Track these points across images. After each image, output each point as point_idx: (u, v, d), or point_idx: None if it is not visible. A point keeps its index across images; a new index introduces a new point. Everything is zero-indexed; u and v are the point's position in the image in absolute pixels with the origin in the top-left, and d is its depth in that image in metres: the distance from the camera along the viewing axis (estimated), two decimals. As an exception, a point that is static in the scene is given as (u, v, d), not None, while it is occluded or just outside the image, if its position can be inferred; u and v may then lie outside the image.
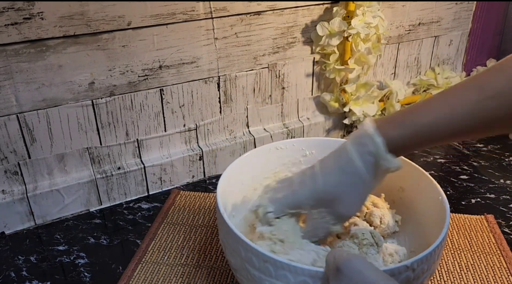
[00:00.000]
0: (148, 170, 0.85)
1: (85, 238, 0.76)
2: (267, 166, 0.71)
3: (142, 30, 0.76)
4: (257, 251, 0.50)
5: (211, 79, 0.86)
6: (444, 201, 0.57)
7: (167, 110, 0.84)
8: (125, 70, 0.78)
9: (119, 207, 0.84)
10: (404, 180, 0.65)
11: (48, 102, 0.74)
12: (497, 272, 0.67)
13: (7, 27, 0.66)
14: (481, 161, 0.96)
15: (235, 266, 0.55)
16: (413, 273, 0.48)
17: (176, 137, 0.88)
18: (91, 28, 0.72)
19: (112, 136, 0.81)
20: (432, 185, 0.61)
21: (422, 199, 0.63)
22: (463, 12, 1.09)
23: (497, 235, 0.74)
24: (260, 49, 0.88)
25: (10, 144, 0.73)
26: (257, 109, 0.94)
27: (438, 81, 1.09)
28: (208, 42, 0.82)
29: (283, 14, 0.87)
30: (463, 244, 0.72)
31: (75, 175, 0.80)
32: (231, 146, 0.92)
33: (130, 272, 0.67)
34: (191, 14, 0.79)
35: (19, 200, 0.76)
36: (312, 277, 0.47)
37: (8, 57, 0.68)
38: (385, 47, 1.03)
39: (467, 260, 0.69)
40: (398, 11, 1.01)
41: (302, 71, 0.95)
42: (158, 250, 0.71)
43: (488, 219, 0.77)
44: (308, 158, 0.72)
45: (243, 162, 0.68)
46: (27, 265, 0.70)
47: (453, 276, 0.66)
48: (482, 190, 0.86)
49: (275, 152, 0.71)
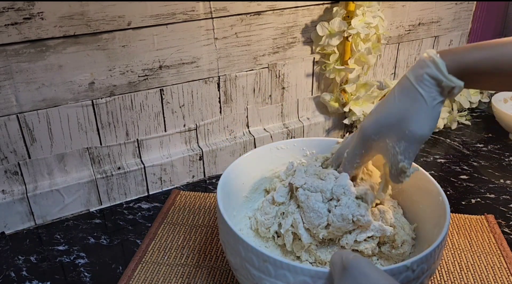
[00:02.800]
0: (148, 170, 0.85)
1: (85, 238, 0.76)
2: (267, 165, 0.71)
3: (142, 30, 0.76)
4: (257, 250, 0.50)
5: (211, 79, 0.86)
6: (445, 202, 0.57)
7: (167, 110, 0.84)
8: (125, 70, 0.78)
9: (119, 207, 0.84)
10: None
11: (48, 102, 0.74)
12: (497, 272, 0.67)
13: (7, 27, 0.66)
14: (481, 161, 0.96)
15: (235, 266, 0.55)
16: (413, 273, 0.48)
17: (176, 137, 0.88)
18: (91, 28, 0.72)
19: (112, 136, 0.81)
20: (432, 185, 0.61)
21: (423, 199, 0.63)
22: (463, 12, 1.09)
23: (497, 235, 0.74)
24: (260, 49, 0.88)
25: (10, 144, 0.73)
26: (257, 109, 0.94)
27: (438, 81, 1.08)
28: (208, 42, 0.83)
29: (283, 14, 0.87)
30: (463, 244, 0.72)
31: (75, 175, 0.80)
32: (231, 146, 0.92)
33: (130, 272, 0.67)
34: (191, 14, 0.79)
35: (19, 200, 0.76)
36: (312, 276, 0.47)
37: (8, 57, 0.68)
38: (385, 47, 1.03)
39: (467, 260, 0.69)
40: (398, 11, 1.01)
41: (302, 71, 0.95)
42: (158, 250, 0.71)
43: (488, 219, 0.77)
44: (309, 157, 0.72)
45: (244, 162, 0.68)
46: (27, 265, 0.70)
47: (453, 276, 0.66)
48: (482, 190, 0.86)
49: (275, 151, 0.71)
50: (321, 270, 0.47)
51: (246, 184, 0.69)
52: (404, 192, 0.67)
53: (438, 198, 0.59)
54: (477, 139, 1.04)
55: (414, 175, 0.59)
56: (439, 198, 0.59)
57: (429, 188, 0.61)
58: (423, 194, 0.63)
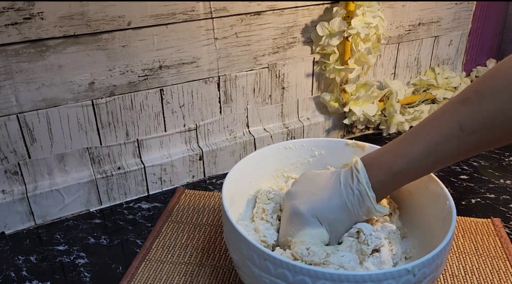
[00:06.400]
0: (148, 170, 0.85)
1: (85, 238, 0.76)
2: (275, 165, 0.71)
3: (142, 30, 0.76)
4: (258, 249, 0.50)
5: (211, 79, 0.86)
6: (451, 206, 0.56)
7: (167, 110, 0.84)
8: (125, 70, 0.78)
9: (119, 207, 0.84)
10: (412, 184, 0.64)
11: (48, 102, 0.74)
12: (502, 277, 0.66)
13: (7, 27, 0.66)
14: (481, 161, 0.96)
15: (238, 263, 0.55)
16: (414, 278, 0.48)
17: (176, 137, 0.88)
18: (91, 28, 0.72)
19: (112, 136, 0.81)
20: (440, 189, 0.60)
21: (430, 203, 0.62)
22: (463, 12, 1.09)
23: (503, 238, 0.73)
24: (260, 49, 0.88)
25: (10, 144, 0.73)
26: (257, 109, 0.94)
27: (438, 81, 1.09)
28: (208, 42, 0.83)
29: (283, 14, 0.88)
30: (468, 248, 0.72)
31: (75, 175, 0.80)
32: (231, 146, 0.92)
33: (134, 270, 0.67)
34: (191, 14, 0.79)
35: (19, 200, 0.76)
36: (311, 276, 0.47)
37: (8, 57, 0.68)
38: (385, 47, 1.03)
39: (472, 264, 0.69)
40: (398, 11, 1.01)
41: (302, 71, 0.95)
42: (162, 248, 0.72)
43: (494, 223, 0.76)
44: (317, 158, 0.72)
45: (251, 161, 0.67)
46: (27, 265, 0.70)
47: (458, 280, 0.66)
48: (482, 190, 0.86)
49: (284, 151, 0.71)
50: (320, 270, 0.47)
51: (253, 182, 0.69)
52: (412, 195, 0.66)
53: (446, 202, 0.58)
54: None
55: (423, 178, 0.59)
56: (446, 202, 0.58)
57: (437, 192, 0.60)
58: (431, 197, 0.62)
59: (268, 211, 0.65)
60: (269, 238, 0.61)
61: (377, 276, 0.47)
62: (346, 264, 0.54)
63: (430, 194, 0.62)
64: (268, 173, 0.70)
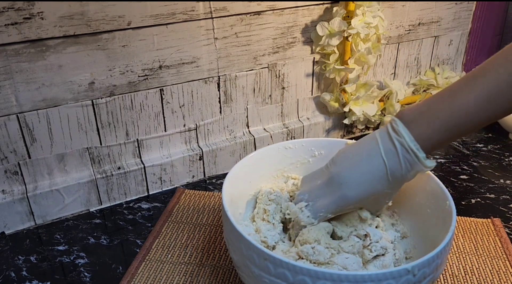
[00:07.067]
0: (148, 170, 0.85)
1: (85, 238, 0.76)
2: (275, 165, 0.71)
3: (142, 30, 0.76)
4: (257, 248, 0.50)
5: (211, 79, 0.86)
6: (451, 206, 0.56)
7: (167, 110, 0.84)
8: (125, 70, 0.78)
9: (119, 207, 0.84)
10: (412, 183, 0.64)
11: (48, 102, 0.74)
12: (502, 277, 0.66)
13: (7, 27, 0.66)
14: (481, 161, 0.96)
15: (238, 263, 0.55)
16: (414, 278, 0.48)
17: (176, 137, 0.88)
18: (91, 28, 0.72)
19: (112, 136, 0.81)
20: (440, 189, 0.60)
21: (430, 203, 0.62)
22: (463, 12, 1.09)
23: (504, 239, 0.73)
24: (260, 49, 0.88)
25: (10, 144, 0.73)
26: (257, 109, 0.94)
27: (438, 81, 1.09)
28: (208, 42, 0.83)
29: (283, 14, 0.88)
30: (468, 248, 0.72)
31: (75, 175, 0.80)
32: (231, 146, 0.92)
33: (134, 270, 0.67)
34: (191, 14, 0.79)
35: (19, 200, 0.76)
36: (311, 276, 0.47)
37: (8, 57, 0.68)
38: (385, 47, 1.03)
39: (472, 264, 0.69)
40: (398, 11, 1.01)
41: (302, 71, 0.95)
42: (162, 248, 0.72)
43: (494, 223, 0.76)
44: (317, 158, 0.71)
45: (252, 161, 0.67)
46: (27, 265, 0.70)
47: (458, 280, 0.66)
48: (482, 190, 0.86)
49: (284, 151, 0.71)
50: (320, 270, 0.47)
51: (253, 182, 0.69)
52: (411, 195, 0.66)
53: (446, 202, 0.58)
54: (477, 139, 1.04)
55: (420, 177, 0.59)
56: (446, 202, 0.58)
57: (437, 192, 0.60)
58: (431, 197, 0.62)
59: (270, 211, 0.64)
60: (270, 239, 0.61)
61: (377, 276, 0.47)
62: (349, 266, 0.54)
63: (430, 194, 0.62)
64: (268, 173, 0.70)
